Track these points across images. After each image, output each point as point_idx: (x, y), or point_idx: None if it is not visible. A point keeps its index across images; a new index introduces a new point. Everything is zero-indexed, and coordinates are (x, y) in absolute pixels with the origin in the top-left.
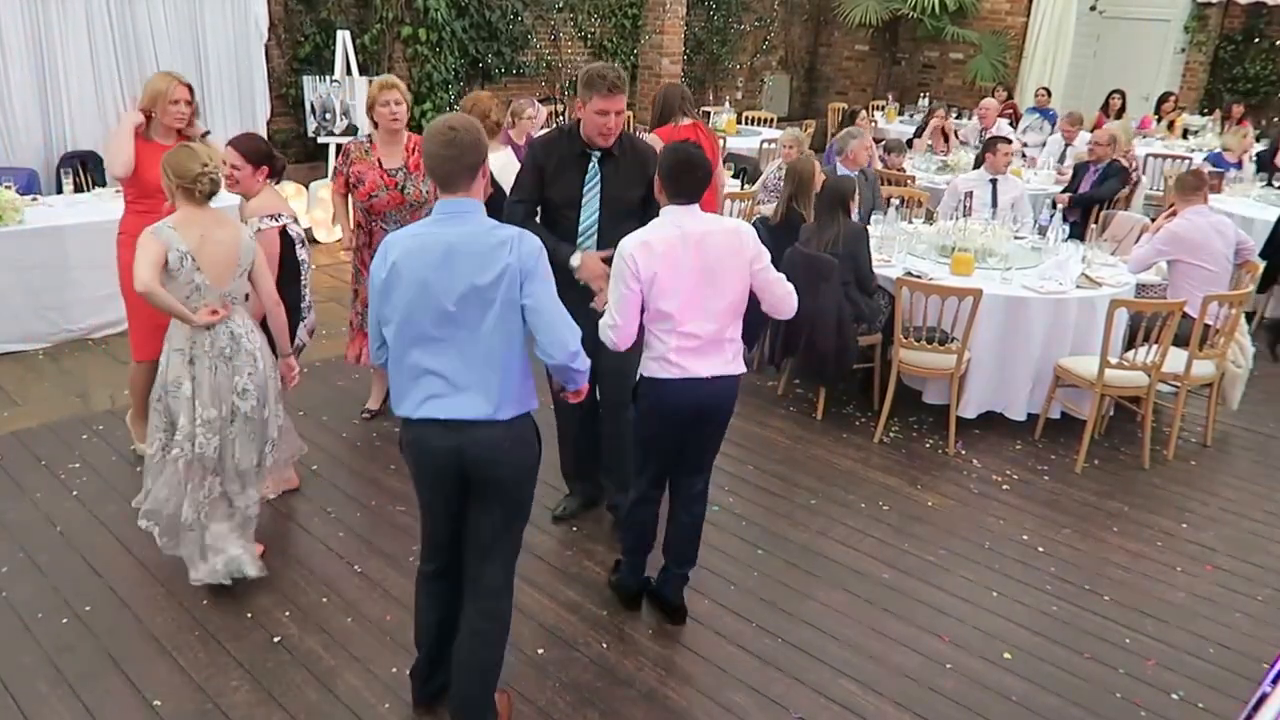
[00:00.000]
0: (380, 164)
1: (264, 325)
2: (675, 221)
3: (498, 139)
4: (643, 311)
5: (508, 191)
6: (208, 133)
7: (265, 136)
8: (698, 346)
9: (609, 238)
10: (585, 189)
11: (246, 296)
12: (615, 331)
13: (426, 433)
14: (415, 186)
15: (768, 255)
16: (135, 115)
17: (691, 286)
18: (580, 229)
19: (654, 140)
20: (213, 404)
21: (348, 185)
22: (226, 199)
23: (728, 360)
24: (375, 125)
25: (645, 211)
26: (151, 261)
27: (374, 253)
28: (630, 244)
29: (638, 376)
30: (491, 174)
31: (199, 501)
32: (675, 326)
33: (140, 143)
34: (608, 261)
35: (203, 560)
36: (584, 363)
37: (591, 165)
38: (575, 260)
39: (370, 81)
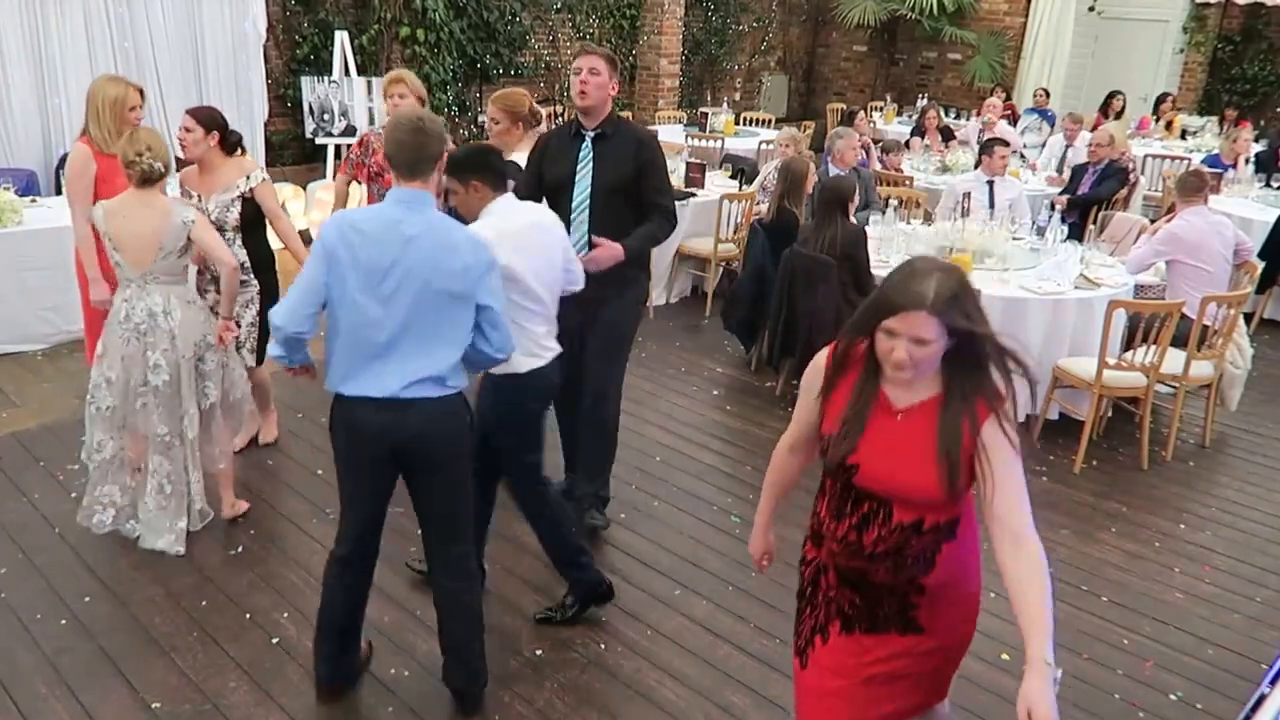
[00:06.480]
0: None
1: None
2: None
3: (520, 133)
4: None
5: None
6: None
7: (263, 137)
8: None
9: (600, 216)
10: (578, 167)
11: (212, 272)
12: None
13: (357, 410)
14: None
15: None
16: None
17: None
18: (573, 205)
19: None
20: (121, 368)
21: (368, 175)
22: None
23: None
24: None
25: (638, 191)
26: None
27: None
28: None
29: (493, 382)
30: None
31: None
32: (545, 310)
33: (99, 158)
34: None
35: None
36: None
37: (585, 144)
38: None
39: (369, 81)
